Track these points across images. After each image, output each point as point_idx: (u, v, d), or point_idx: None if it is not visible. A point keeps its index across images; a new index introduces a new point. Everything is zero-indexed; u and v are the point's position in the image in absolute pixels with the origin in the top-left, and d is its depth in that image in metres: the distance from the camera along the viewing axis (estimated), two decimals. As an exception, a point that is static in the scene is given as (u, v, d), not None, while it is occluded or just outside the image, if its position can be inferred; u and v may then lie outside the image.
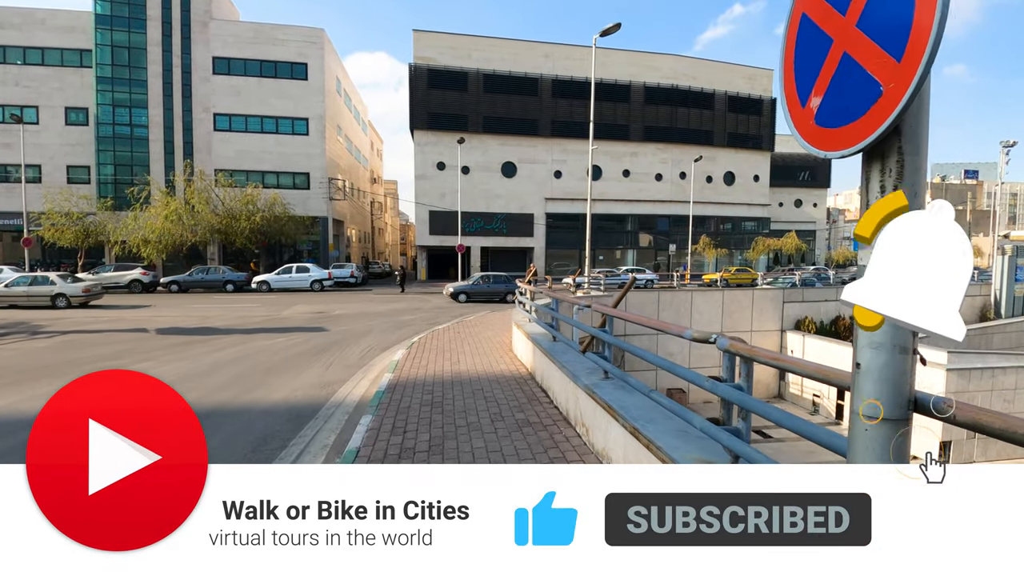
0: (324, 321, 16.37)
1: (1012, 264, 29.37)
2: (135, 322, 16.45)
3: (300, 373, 8.78)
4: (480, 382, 6.99)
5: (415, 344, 10.92)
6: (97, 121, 37.11)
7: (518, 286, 12.68)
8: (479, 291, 25.00)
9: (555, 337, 6.80)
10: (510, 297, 23.50)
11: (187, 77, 37.87)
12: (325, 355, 10.51)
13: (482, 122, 41.01)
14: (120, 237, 32.36)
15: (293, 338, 12.85)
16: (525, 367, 7.90)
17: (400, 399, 6.26)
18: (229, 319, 16.92)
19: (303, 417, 6.24)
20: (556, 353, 5.96)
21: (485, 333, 12.47)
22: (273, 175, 38.81)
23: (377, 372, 8.58)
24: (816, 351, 22.16)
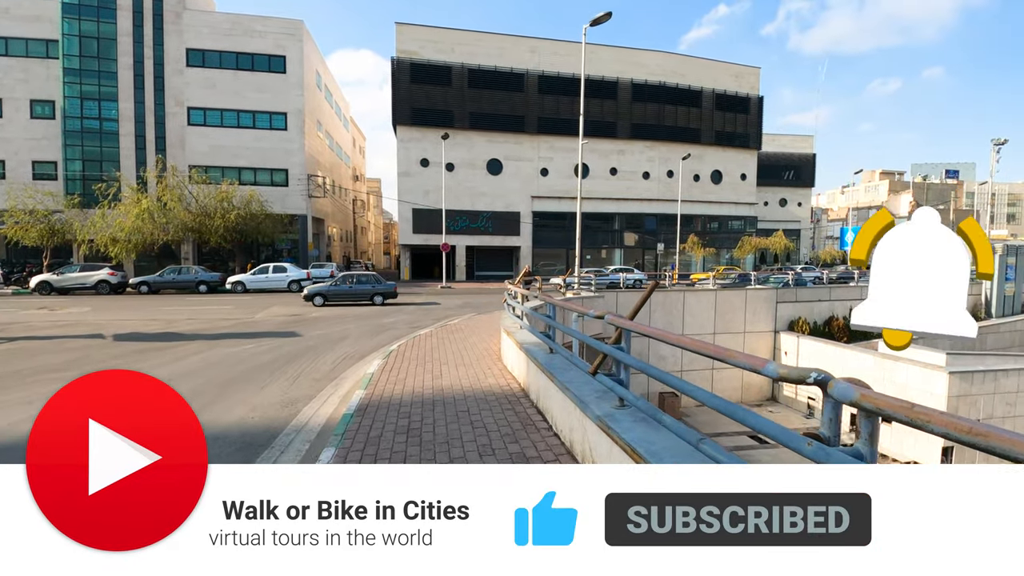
0: (298, 325, 15.33)
1: (1002, 264, 29.10)
2: (93, 327, 15.27)
3: (263, 387, 7.80)
4: (465, 401, 6.07)
5: (393, 352, 9.96)
6: (64, 115, 35.36)
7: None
8: (340, 293, 21.33)
9: (552, 349, 5.90)
10: (377, 299, 21.33)
11: (159, 69, 36.28)
12: (294, 365, 9.52)
13: (467, 118, 40.01)
14: (87, 236, 30.80)
15: (262, 345, 11.82)
16: (517, 381, 7.01)
17: (371, 425, 5.33)
18: (196, 323, 15.80)
19: (256, 446, 5.29)
20: (555, 370, 5.07)
21: (471, 339, 11.54)
22: (250, 171, 37.39)
23: (349, 387, 7.63)
24: (811, 353, 21.57)
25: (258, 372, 8.95)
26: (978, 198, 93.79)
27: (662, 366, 20.91)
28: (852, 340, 24.40)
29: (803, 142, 62.82)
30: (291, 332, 13.80)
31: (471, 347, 10.35)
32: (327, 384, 7.93)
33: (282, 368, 9.26)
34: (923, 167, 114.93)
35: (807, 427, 21.58)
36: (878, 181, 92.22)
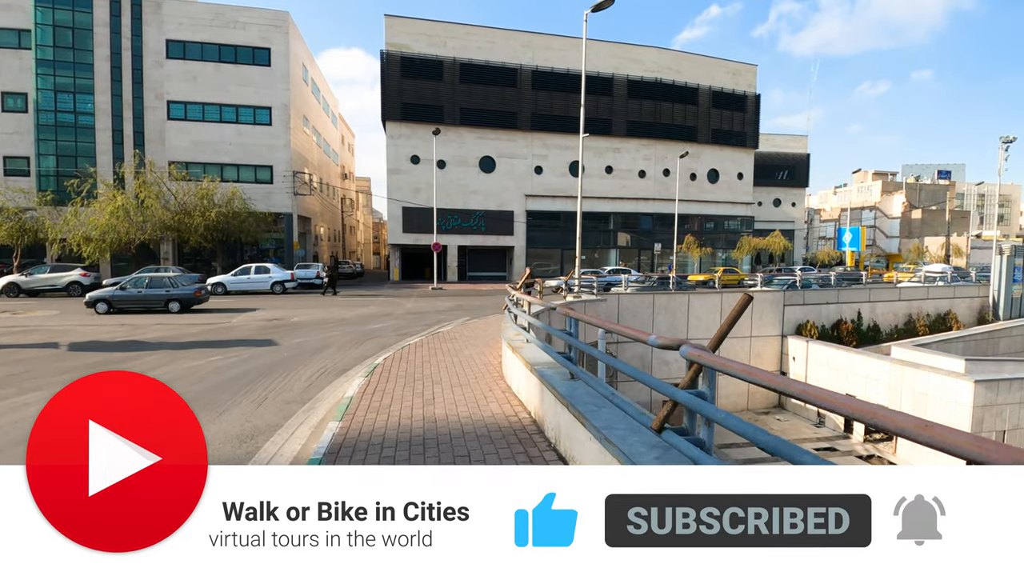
0: (277, 331, 14.04)
1: (1010, 265, 28.30)
2: (52, 334, 13.93)
3: (221, 414, 6.57)
4: (464, 439, 4.86)
5: (378, 367, 8.73)
6: (37, 108, 33.75)
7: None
8: (128, 299, 18.62)
9: (573, 374, 4.72)
10: (172, 305, 18.70)
11: (138, 61, 34.75)
12: (263, 382, 8.27)
13: (458, 114, 38.72)
14: (59, 235, 29.24)
15: (232, 356, 10.55)
16: (525, 408, 5.81)
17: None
18: (164, 330, 14.47)
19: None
20: (582, 404, 3.89)
21: (466, 351, 10.32)
22: (233, 168, 35.89)
23: (323, 413, 6.41)
24: (822, 360, 20.56)
25: (220, 392, 7.70)
26: (967, 199, 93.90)
27: (666, 371, 19.88)
28: (861, 344, 23.48)
29: (797, 142, 62.11)
30: (267, 340, 12.52)
31: (468, 361, 9.13)
32: (298, 409, 6.69)
33: (249, 386, 8.02)
34: (914, 168, 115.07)
35: (817, 436, 20.53)
36: (871, 182, 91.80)
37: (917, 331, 25.60)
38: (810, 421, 20.53)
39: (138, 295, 18.77)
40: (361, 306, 20.89)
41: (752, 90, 47.80)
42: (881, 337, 24.61)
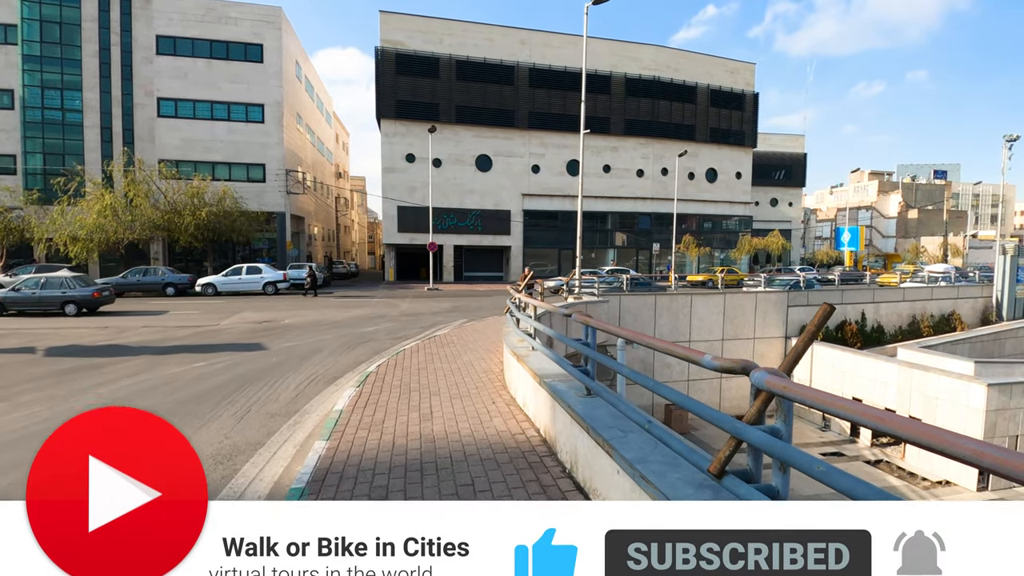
0: (266, 335, 13.46)
1: (1013, 265, 27.95)
2: (31, 337, 13.32)
3: (199, 428, 6.01)
4: (467, 463, 4.31)
5: (371, 376, 8.17)
6: (24, 104, 32.94)
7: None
8: (20, 301, 17.83)
9: (590, 390, 4.19)
10: (69, 308, 17.82)
11: (127, 57, 33.97)
12: (246, 392, 7.70)
13: (455, 111, 38.13)
14: (45, 234, 28.52)
15: (217, 361, 9.97)
16: (532, 424, 5.28)
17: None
18: (149, 333, 13.87)
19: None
20: (604, 428, 3.36)
21: (465, 356, 9.77)
22: (224, 167, 35.16)
23: (310, 428, 5.87)
24: (827, 361, 20.12)
25: (200, 403, 7.13)
26: (962, 199, 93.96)
27: (667, 374, 19.37)
28: (865, 345, 23.06)
29: (794, 142, 61.74)
30: (255, 344, 11.94)
31: (467, 368, 8.59)
32: (283, 424, 6.13)
33: (232, 396, 7.45)
34: (910, 168, 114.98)
35: (822, 440, 20.06)
36: (867, 182, 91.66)
37: (921, 332, 25.23)
38: (815, 425, 20.10)
39: (31, 296, 17.93)
40: (355, 307, 20.31)
41: (750, 88, 47.40)
42: (885, 338, 24.21)
